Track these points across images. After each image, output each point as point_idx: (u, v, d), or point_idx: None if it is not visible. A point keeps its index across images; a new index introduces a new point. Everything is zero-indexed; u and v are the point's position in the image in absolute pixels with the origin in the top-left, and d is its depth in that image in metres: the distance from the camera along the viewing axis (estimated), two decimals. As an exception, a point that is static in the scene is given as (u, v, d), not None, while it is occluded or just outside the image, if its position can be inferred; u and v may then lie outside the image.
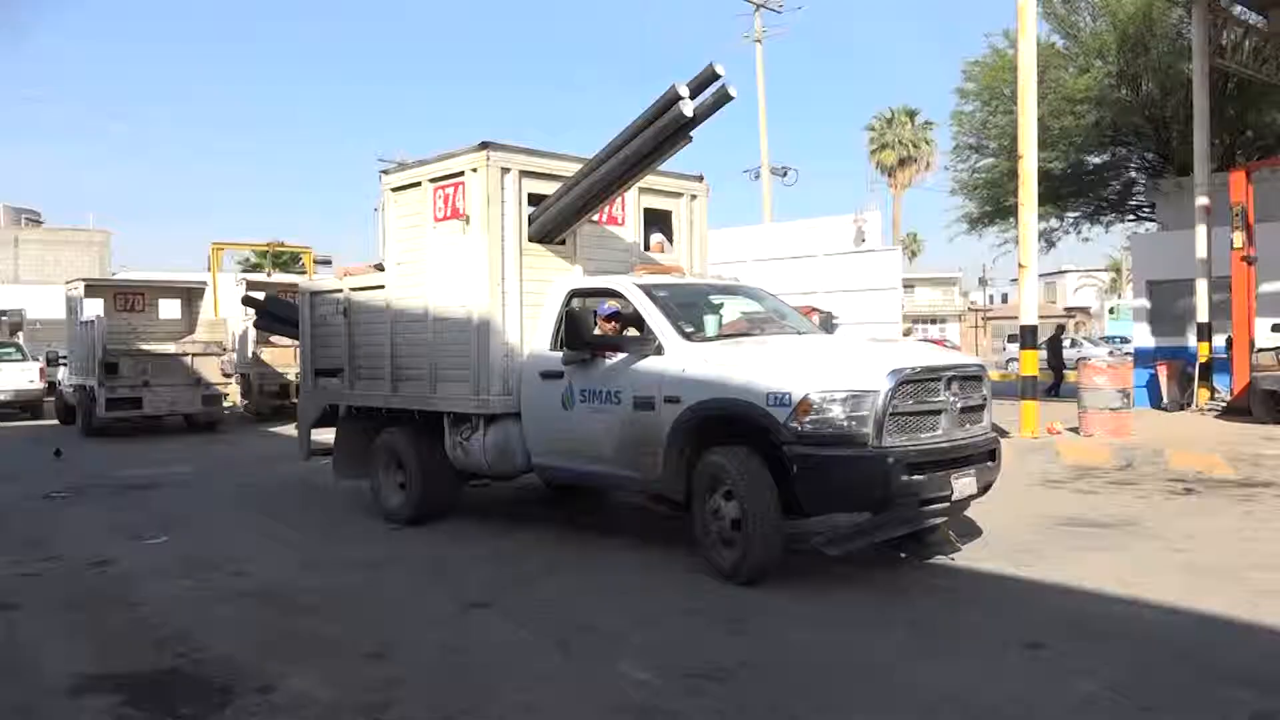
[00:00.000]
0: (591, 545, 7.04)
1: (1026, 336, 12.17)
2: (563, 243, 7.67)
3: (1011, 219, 20.70)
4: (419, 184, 7.88)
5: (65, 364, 18.86)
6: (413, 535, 7.54)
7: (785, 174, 31.69)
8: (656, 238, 8.67)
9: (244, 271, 36.44)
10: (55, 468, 12.18)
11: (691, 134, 6.84)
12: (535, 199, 7.53)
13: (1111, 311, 50.02)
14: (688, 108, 6.47)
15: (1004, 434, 12.38)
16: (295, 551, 7.03)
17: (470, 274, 7.37)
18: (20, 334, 25.12)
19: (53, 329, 25.30)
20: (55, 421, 19.35)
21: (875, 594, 5.52)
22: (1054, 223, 22.39)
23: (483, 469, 7.55)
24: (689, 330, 6.57)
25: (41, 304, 27.54)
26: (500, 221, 7.31)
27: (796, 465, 5.53)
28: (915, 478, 5.58)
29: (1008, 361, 36.76)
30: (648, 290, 6.87)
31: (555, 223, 7.48)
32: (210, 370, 16.79)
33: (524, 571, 6.29)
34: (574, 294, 7.24)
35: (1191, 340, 15.57)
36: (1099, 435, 11.44)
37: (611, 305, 7.06)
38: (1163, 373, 15.13)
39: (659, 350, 6.39)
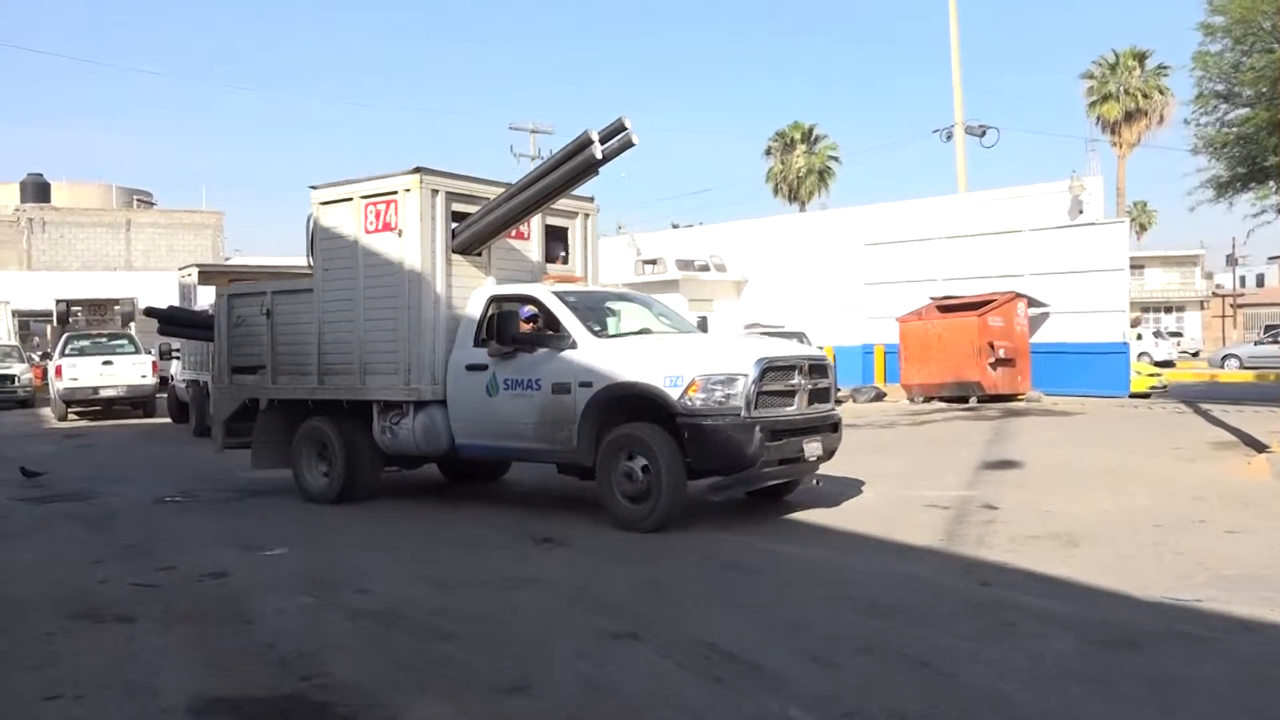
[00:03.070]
0: (758, 574, 7.03)
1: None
2: (480, 254, 9.94)
3: (1272, 183, 19.45)
4: (350, 199, 9.96)
5: (178, 357, 20.07)
6: (553, 555, 7.73)
7: (983, 134, 30.85)
8: (562, 253, 11.14)
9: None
10: (171, 471, 13.02)
11: (599, 171, 9.18)
12: (458, 216, 9.76)
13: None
14: (598, 151, 8.86)
15: (1263, 448, 11.68)
16: (422, 568, 7.29)
17: (402, 280, 9.51)
18: (133, 324, 26.70)
19: (166, 319, 26.96)
20: (168, 419, 20.73)
21: (1095, 641, 5.28)
22: (1328, 187, 20.87)
23: (411, 451, 9.79)
24: (596, 329, 8.95)
25: (154, 291, 29.44)
26: (430, 235, 9.50)
27: (687, 432, 8.04)
28: (776, 442, 8.23)
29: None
30: (561, 296, 9.25)
31: (476, 238, 9.78)
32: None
33: (676, 598, 6.35)
34: (494, 299, 9.46)
35: None
36: (1389, 452, 10.61)
37: (530, 309, 9.32)
38: None
39: (573, 345, 8.72)
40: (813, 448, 8.63)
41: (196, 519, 9.60)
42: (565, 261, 11.10)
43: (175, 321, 15.09)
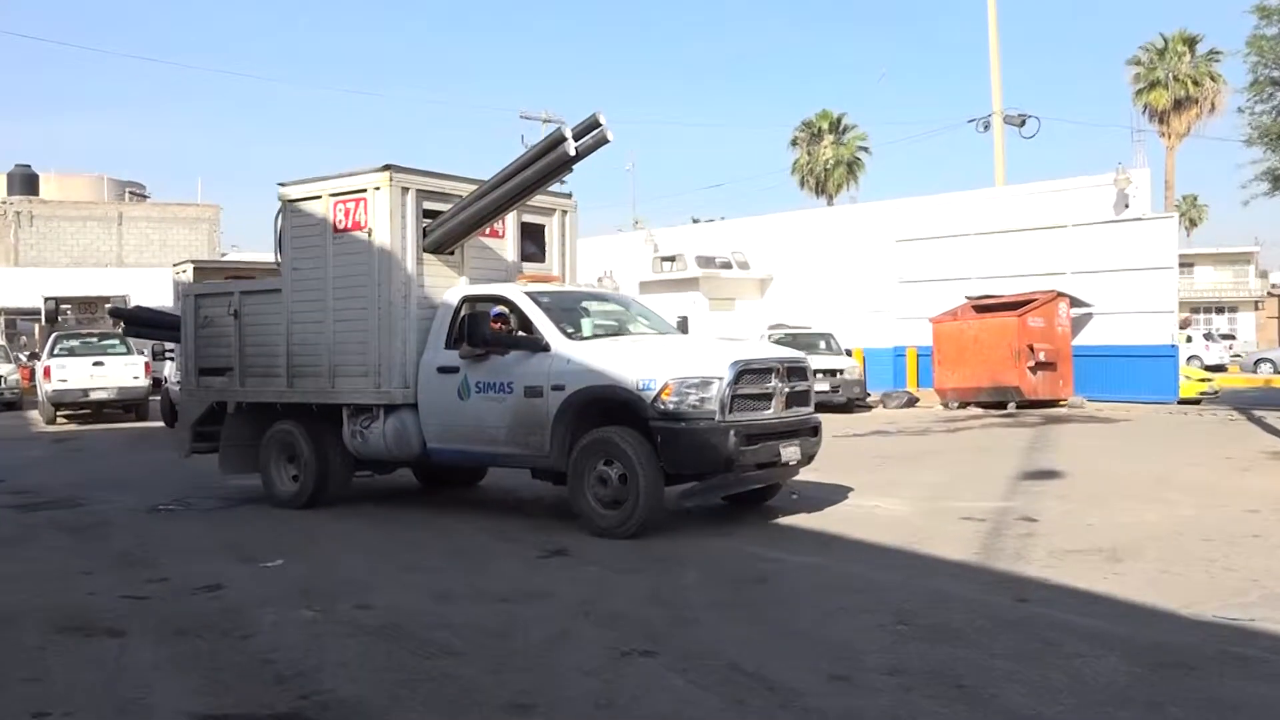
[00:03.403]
0: (775, 586, 7.05)
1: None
2: (452, 253, 10.30)
3: (1331, 176, 19.24)
4: (319, 197, 10.28)
5: (172, 358, 20.20)
6: (560, 567, 7.75)
7: (1023, 123, 30.72)
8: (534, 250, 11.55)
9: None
10: (164, 477, 13.11)
11: (573, 168, 9.64)
12: (430, 214, 10.11)
13: None
14: (570, 148, 9.26)
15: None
16: (426, 580, 7.34)
17: (372, 280, 9.81)
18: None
19: (159, 318, 27.10)
20: (161, 423, 20.85)
21: (1141, 662, 5.24)
22: (1393, 180, 20.69)
23: (382, 455, 10.09)
24: (570, 331, 9.30)
25: (147, 289, 29.65)
26: (401, 234, 9.80)
27: (660, 436, 8.34)
28: (751, 446, 8.55)
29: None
30: (534, 297, 9.58)
31: (448, 237, 10.11)
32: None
33: (690, 612, 6.36)
34: (467, 299, 9.81)
35: None
36: None
37: (500, 309, 9.64)
38: None
39: (545, 347, 9.04)
40: (790, 452, 8.94)
41: (191, 528, 9.68)
42: (542, 260, 11.43)
43: (141, 322, 15.21)
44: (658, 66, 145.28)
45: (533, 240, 11.40)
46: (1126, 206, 23.42)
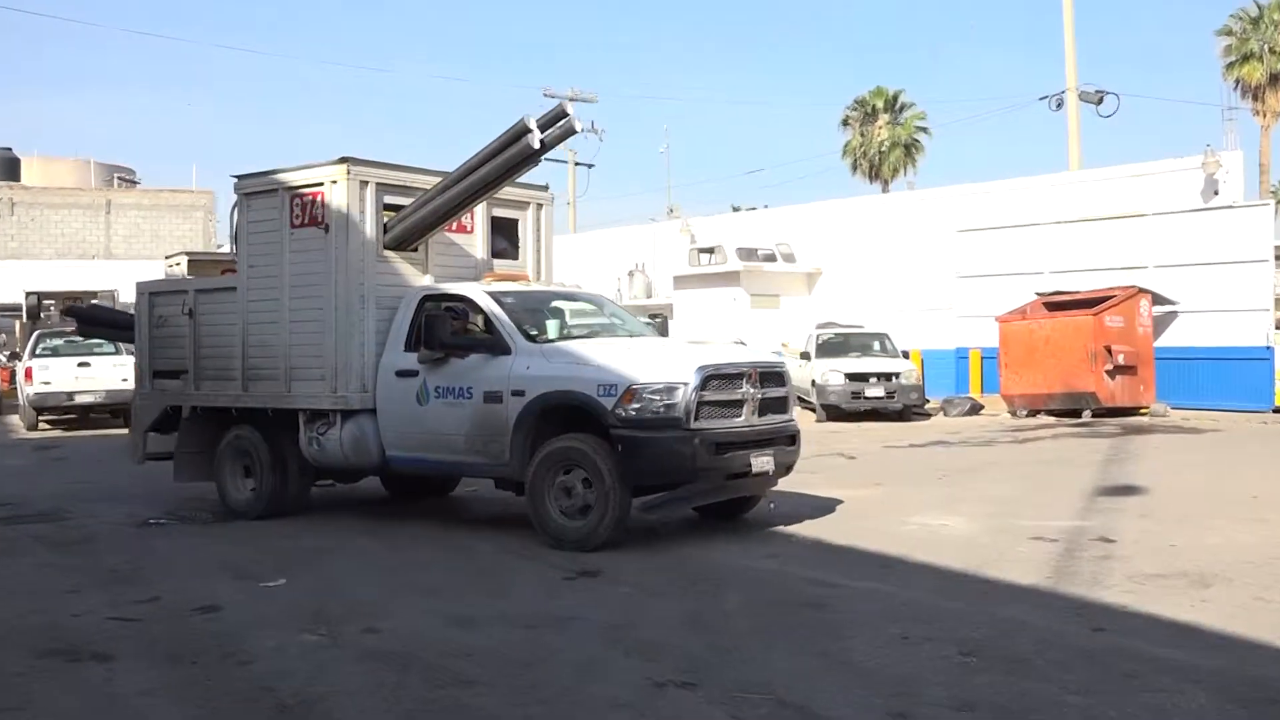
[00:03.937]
0: (823, 611, 7.03)
1: None
2: (415, 250, 10.61)
3: None
4: (275, 191, 10.58)
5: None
6: (590, 589, 7.77)
7: (1100, 101, 30.54)
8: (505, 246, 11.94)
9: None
10: (155, 489, 13.23)
11: (540, 159, 10.21)
12: (391, 208, 10.42)
13: None
14: (535, 140, 9.58)
15: None
16: (440, 602, 7.37)
17: (329, 278, 10.07)
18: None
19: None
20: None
21: (1232, 698, 5.21)
22: None
23: (339, 463, 10.42)
24: (533, 333, 9.63)
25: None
26: (359, 230, 10.11)
27: (622, 445, 8.60)
28: (720, 456, 8.79)
29: None
30: (496, 297, 9.89)
31: (410, 233, 10.44)
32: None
33: (728, 638, 6.37)
34: (427, 299, 10.09)
35: None
36: None
37: (463, 309, 9.93)
38: None
39: (506, 350, 9.36)
40: (763, 462, 9.15)
41: (184, 543, 9.77)
42: (515, 257, 11.73)
43: (97, 322, 15.38)
44: (694, 39, 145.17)
45: (504, 236, 11.66)
46: (1216, 193, 23.21)
